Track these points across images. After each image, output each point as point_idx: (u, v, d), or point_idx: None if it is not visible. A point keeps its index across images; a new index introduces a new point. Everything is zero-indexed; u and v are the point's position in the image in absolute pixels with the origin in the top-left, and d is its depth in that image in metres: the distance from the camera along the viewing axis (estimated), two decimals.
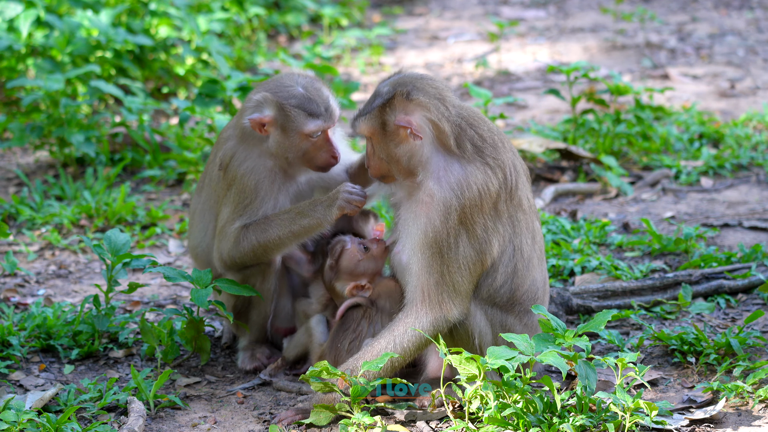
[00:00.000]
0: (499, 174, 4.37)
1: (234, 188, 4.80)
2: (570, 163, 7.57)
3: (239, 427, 4.52)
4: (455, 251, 4.33)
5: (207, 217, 5.03)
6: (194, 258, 5.20)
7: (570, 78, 7.61)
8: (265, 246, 4.75)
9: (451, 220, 4.31)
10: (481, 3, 13.53)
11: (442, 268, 4.34)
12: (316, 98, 4.70)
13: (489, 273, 4.40)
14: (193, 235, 5.14)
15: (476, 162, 4.35)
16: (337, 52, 11.00)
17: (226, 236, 4.81)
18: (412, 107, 4.34)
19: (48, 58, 8.27)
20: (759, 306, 5.42)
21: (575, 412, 4.22)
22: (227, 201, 4.83)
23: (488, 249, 4.37)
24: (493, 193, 4.34)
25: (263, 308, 5.00)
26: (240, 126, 4.82)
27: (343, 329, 4.69)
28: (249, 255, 4.79)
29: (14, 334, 5.20)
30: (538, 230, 4.56)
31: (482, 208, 4.33)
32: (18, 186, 7.49)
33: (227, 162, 4.83)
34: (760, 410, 4.40)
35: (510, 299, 4.43)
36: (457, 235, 4.33)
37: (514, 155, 4.49)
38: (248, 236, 4.75)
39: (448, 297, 4.35)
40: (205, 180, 5.05)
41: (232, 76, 7.34)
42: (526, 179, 4.52)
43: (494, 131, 4.46)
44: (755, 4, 12.69)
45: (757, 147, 7.75)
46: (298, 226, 4.70)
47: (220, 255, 4.86)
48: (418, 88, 4.36)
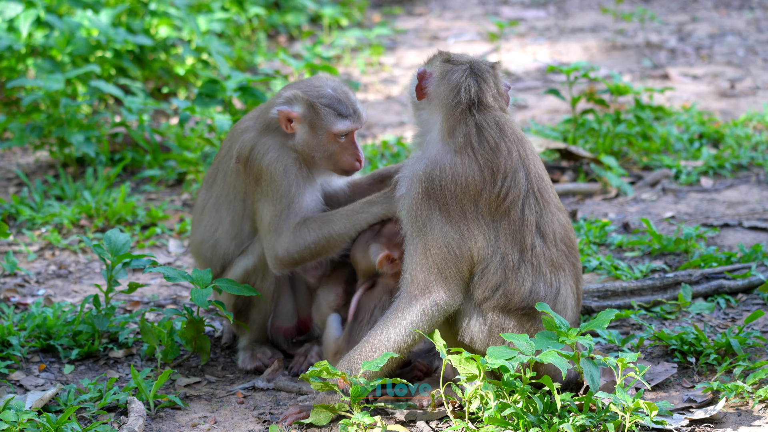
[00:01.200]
0: (486, 173, 4.34)
1: (264, 181, 4.75)
2: (570, 163, 7.57)
3: (239, 427, 4.52)
4: (431, 228, 4.31)
5: (222, 213, 4.96)
6: (196, 254, 5.15)
7: (570, 78, 7.61)
8: (329, 239, 4.70)
9: (423, 193, 4.32)
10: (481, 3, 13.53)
11: (425, 247, 4.32)
12: (345, 100, 4.75)
13: (483, 272, 4.37)
14: (200, 230, 5.07)
15: (464, 155, 4.34)
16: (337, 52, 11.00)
17: (281, 232, 4.73)
18: (436, 66, 4.53)
19: (48, 58, 8.27)
20: (759, 306, 5.42)
21: (575, 412, 4.22)
22: (261, 196, 4.77)
23: (470, 236, 4.33)
24: (472, 187, 4.32)
25: (263, 307, 5.00)
26: (263, 119, 4.82)
27: (357, 321, 4.69)
28: (309, 250, 4.71)
29: (14, 334, 5.20)
30: (533, 247, 4.38)
31: (456, 194, 4.30)
32: (18, 186, 7.49)
33: (246, 155, 4.79)
34: (760, 410, 4.40)
35: (507, 305, 4.39)
36: (430, 208, 4.31)
37: (527, 172, 4.39)
38: (310, 230, 4.70)
39: (434, 279, 4.33)
40: (218, 174, 4.99)
41: (232, 76, 7.34)
42: (535, 201, 4.40)
43: (507, 138, 4.39)
44: (755, 4, 12.69)
45: (757, 147, 7.75)
46: (365, 215, 4.68)
47: (274, 253, 4.75)
48: (456, 63, 4.51)
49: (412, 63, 10.86)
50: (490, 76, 4.50)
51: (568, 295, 4.48)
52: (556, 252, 4.43)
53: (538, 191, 4.41)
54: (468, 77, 4.47)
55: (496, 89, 4.51)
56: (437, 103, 4.47)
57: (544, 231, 4.41)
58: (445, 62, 4.53)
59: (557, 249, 4.44)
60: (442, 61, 4.54)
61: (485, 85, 4.47)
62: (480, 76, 4.48)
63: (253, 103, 7.15)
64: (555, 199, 4.51)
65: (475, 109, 4.42)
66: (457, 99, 4.43)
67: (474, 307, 4.38)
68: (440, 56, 4.58)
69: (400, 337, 4.35)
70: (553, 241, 4.43)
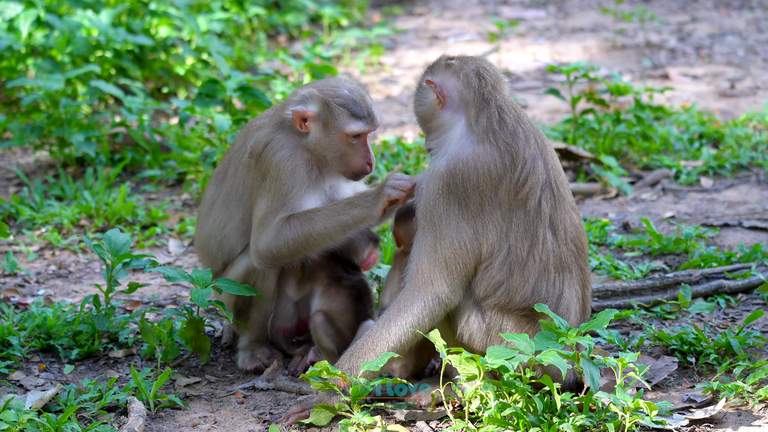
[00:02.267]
0: (506, 159, 4.35)
1: (269, 177, 4.75)
2: (570, 163, 7.57)
3: (239, 427, 4.52)
4: (447, 223, 4.32)
5: (232, 208, 4.95)
6: (200, 249, 5.12)
7: (570, 78, 7.61)
8: (308, 238, 4.69)
9: (444, 189, 4.32)
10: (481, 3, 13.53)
11: (435, 241, 4.33)
12: (360, 102, 4.76)
13: (487, 268, 4.37)
14: (207, 225, 5.05)
15: (486, 143, 4.36)
16: (337, 52, 11.01)
17: (266, 227, 4.73)
18: (447, 71, 4.51)
19: (48, 58, 8.27)
20: (759, 306, 5.42)
21: (575, 412, 4.22)
22: (263, 191, 4.77)
23: (483, 232, 4.34)
24: (494, 175, 4.33)
25: (263, 307, 5.00)
26: (279, 116, 4.82)
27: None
28: (288, 247, 4.70)
29: (14, 334, 5.20)
30: (544, 241, 4.38)
31: (479, 185, 4.31)
32: (18, 186, 7.49)
33: (260, 150, 4.79)
34: (760, 410, 4.40)
35: (507, 304, 4.39)
36: (448, 204, 4.32)
37: (545, 162, 4.41)
38: (292, 227, 4.69)
39: (439, 273, 4.33)
40: (229, 169, 4.99)
41: (232, 76, 7.33)
42: (551, 193, 4.40)
43: (524, 124, 4.43)
44: (755, 4, 12.69)
45: (757, 147, 7.75)
46: (345, 217, 4.66)
47: (256, 247, 4.77)
48: (463, 59, 4.54)
49: (412, 63, 10.86)
50: (497, 70, 4.59)
51: (572, 300, 4.46)
52: (565, 251, 4.43)
53: (555, 183, 4.43)
54: (480, 66, 4.54)
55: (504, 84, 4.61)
56: (458, 100, 4.49)
57: (556, 227, 4.41)
58: (449, 63, 4.55)
59: (567, 248, 4.44)
60: (446, 64, 4.56)
61: (498, 74, 4.56)
62: (488, 67, 4.55)
63: (253, 103, 7.15)
64: (570, 197, 4.52)
65: (495, 92, 4.47)
66: (480, 83, 4.47)
67: (474, 304, 4.38)
68: (442, 60, 4.60)
69: (401, 330, 4.35)
70: (564, 239, 4.43)
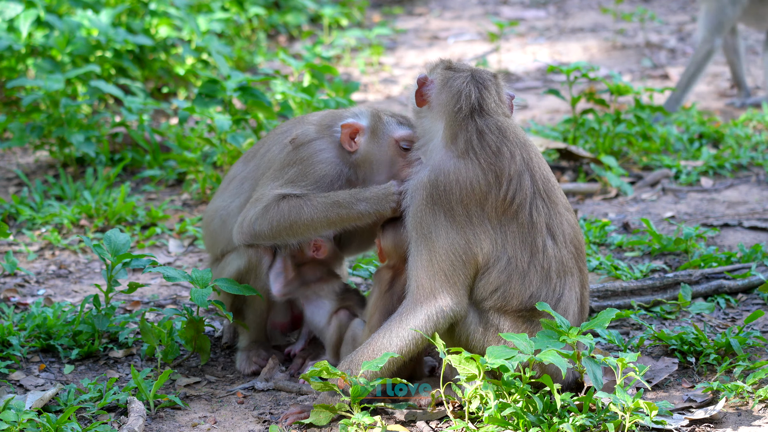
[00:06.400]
0: (490, 177, 4.33)
1: (296, 168, 4.75)
2: (570, 163, 7.58)
3: (239, 427, 4.52)
4: (437, 234, 4.31)
5: (245, 186, 4.96)
6: (206, 225, 5.12)
7: (570, 78, 7.61)
8: (293, 224, 4.67)
9: (428, 199, 4.32)
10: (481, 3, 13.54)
11: (430, 254, 4.32)
12: (407, 120, 4.86)
13: (484, 275, 4.37)
14: (219, 198, 5.05)
15: (466, 159, 4.34)
16: (337, 52, 11.01)
17: (258, 201, 4.72)
18: (438, 75, 4.52)
19: (48, 58, 8.27)
20: (759, 306, 5.42)
21: (575, 412, 4.22)
22: (280, 175, 4.77)
23: (476, 241, 4.33)
24: (477, 191, 4.32)
25: (258, 307, 5.00)
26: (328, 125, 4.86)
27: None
28: (271, 228, 4.67)
29: (14, 334, 5.20)
30: (545, 249, 4.37)
31: (462, 199, 4.31)
32: (18, 186, 7.49)
33: (303, 141, 4.79)
34: (760, 410, 4.40)
35: (503, 306, 4.38)
36: (435, 214, 4.31)
37: (532, 175, 4.38)
38: (280, 207, 4.67)
39: (440, 286, 4.32)
40: (261, 149, 4.99)
41: (232, 76, 7.33)
42: (543, 203, 4.38)
43: (509, 142, 4.38)
44: None
45: (757, 147, 7.75)
46: (347, 210, 4.67)
47: (242, 220, 4.74)
48: (456, 70, 4.53)
49: (412, 63, 10.86)
50: (491, 83, 4.51)
51: (571, 301, 4.45)
52: (566, 253, 4.43)
53: (545, 193, 4.41)
54: (469, 84, 4.47)
55: (498, 96, 4.51)
56: (439, 110, 4.48)
57: (554, 232, 4.41)
58: (446, 69, 4.54)
59: (567, 250, 4.43)
60: (443, 69, 4.55)
61: (486, 92, 4.47)
62: (481, 84, 4.48)
63: (253, 103, 7.14)
64: (563, 199, 4.51)
65: (476, 115, 4.42)
66: (458, 105, 4.43)
67: (470, 305, 4.39)
68: (442, 64, 4.59)
69: (402, 341, 4.34)
70: (563, 242, 4.43)
